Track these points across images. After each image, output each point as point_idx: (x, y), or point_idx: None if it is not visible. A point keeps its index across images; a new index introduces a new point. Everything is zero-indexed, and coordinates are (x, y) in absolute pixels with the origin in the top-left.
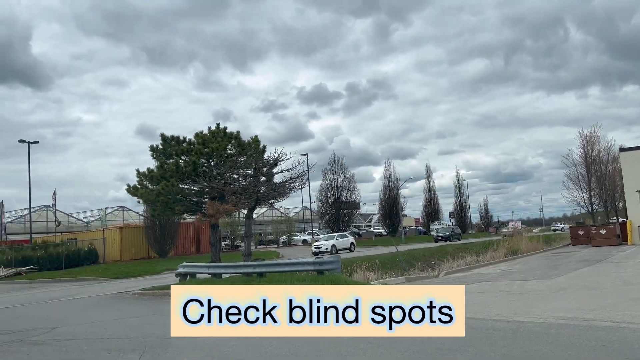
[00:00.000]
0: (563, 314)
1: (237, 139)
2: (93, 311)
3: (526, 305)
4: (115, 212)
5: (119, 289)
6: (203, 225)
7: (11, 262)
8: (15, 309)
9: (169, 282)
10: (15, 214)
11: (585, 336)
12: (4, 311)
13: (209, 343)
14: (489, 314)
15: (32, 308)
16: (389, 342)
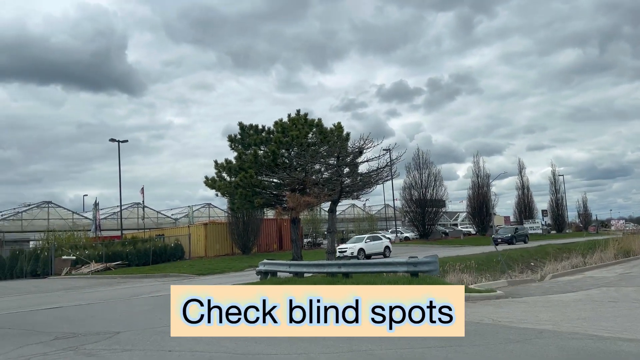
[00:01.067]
0: None
1: (318, 127)
2: (167, 313)
3: None
4: (202, 209)
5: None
6: (285, 222)
7: (102, 257)
8: (91, 307)
9: (250, 279)
10: (109, 210)
11: None
12: (80, 309)
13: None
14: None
15: (108, 306)
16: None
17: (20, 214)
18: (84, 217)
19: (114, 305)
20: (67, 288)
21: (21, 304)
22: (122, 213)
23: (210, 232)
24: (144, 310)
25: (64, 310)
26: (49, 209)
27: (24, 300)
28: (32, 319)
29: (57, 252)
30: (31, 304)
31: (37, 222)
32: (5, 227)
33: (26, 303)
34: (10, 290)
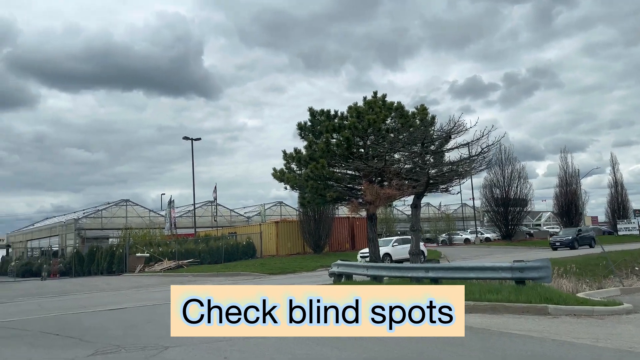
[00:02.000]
0: None
1: (399, 110)
2: None
3: None
4: (274, 207)
5: None
6: (358, 221)
7: (175, 254)
8: (153, 309)
9: (323, 280)
10: (184, 209)
11: None
12: (141, 312)
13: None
14: None
15: (167, 310)
16: None
17: (100, 211)
18: (160, 215)
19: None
20: (136, 286)
21: (85, 304)
22: (195, 211)
23: (281, 231)
24: None
25: (124, 312)
26: (127, 207)
27: (90, 299)
28: (86, 322)
29: (132, 249)
30: (95, 304)
31: (116, 220)
32: (87, 224)
33: (90, 302)
34: (82, 287)
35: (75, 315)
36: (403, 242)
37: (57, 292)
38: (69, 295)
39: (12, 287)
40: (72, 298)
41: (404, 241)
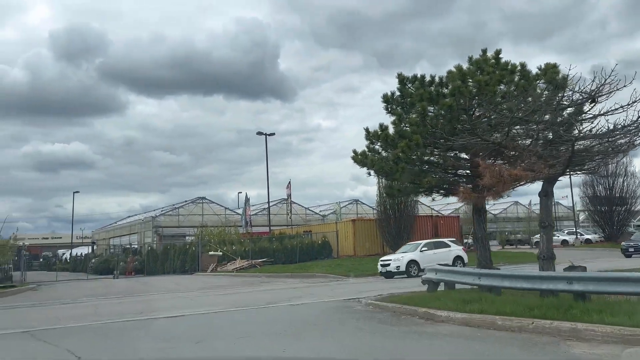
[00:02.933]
0: None
1: (520, 71)
2: (302, 338)
3: None
4: (349, 205)
5: (349, 292)
6: (441, 220)
7: (248, 253)
8: (211, 320)
9: (409, 287)
10: (259, 207)
11: None
12: (199, 323)
13: None
14: None
15: (232, 320)
16: None
17: (177, 209)
18: (236, 213)
19: (239, 318)
20: (206, 287)
21: (144, 308)
22: (270, 209)
23: (358, 229)
24: (271, 331)
25: (179, 321)
26: (203, 205)
27: (151, 302)
28: (127, 334)
29: (205, 247)
30: (154, 308)
31: (193, 218)
32: (164, 222)
33: (150, 307)
34: (149, 288)
35: (127, 324)
36: (435, 247)
37: (123, 292)
38: (133, 296)
39: (81, 285)
40: (134, 301)
41: (435, 245)
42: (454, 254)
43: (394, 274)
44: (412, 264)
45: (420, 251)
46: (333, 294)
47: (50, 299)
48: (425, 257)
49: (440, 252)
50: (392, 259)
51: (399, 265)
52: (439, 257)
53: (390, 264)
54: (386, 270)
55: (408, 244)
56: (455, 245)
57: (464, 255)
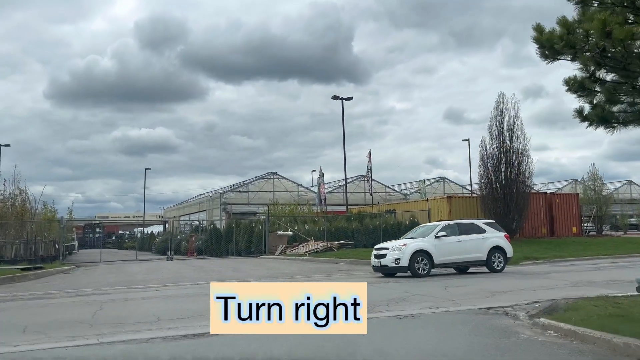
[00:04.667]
0: None
1: None
2: None
3: None
4: (435, 184)
5: (476, 294)
6: (557, 197)
7: (323, 234)
8: (278, 343)
9: (559, 286)
10: (334, 184)
11: None
12: (257, 347)
13: None
14: None
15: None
16: None
17: (246, 185)
18: (310, 190)
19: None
20: (270, 276)
21: (166, 311)
22: (347, 187)
23: (455, 208)
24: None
25: (206, 347)
26: (274, 181)
27: (188, 298)
28: None
29: (274, 226)
30: (183, 313)
31: (263, 195)
32: (232, 198)
33: (180, 309)
34: (198, 274)
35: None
36: (460, 231)
37: (165, 280)
38: (176, 286)
39: (122, 269)
40: (167, 295)
41: (461, 229)
42: (491, 242)
43: (392, 271)
44: (419, 256)
45: (435, 237)
46: (450, 295)
47: (67, 288)
48: (443, 246)
49: (469, 240)
50: (389, 247)
51: (398, 257)
52: (465, 247)
53: (386, 256)
54: (380, 265)
55: (421, 226)
56: (492, 231)
57: (506, 245)
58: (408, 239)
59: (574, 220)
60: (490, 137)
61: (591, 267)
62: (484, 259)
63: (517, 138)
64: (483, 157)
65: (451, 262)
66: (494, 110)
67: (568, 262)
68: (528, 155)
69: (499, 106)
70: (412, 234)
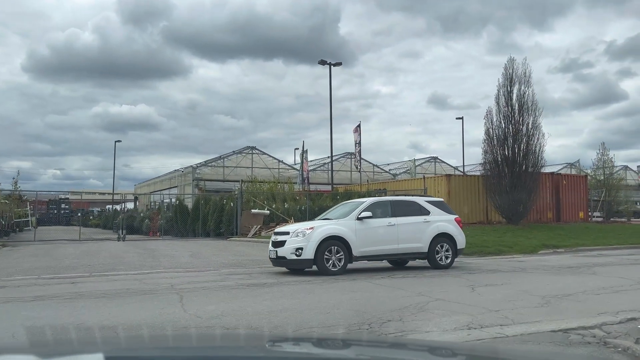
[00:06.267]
0: None
1: None
2: None
3: None
4: (425, 164)
5: (536, 310)
6: (565, 179)
7: (305, 213)
8: None
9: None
10: (319, 162)
11: None
12: None
13: None
14: None
15: None
16: None
17: (222, 159)
18: (291, 167)
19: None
20: (232, 264)
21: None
22: (332, 163)
23: (455, 188)
24: None
25: None
26: (252, 156)
27: (92, 309)
28: None
29: (248, 204)
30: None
31: (240, 171)
32: (206, 174)
33: (87, 321)
34: (144, 260)
35: None
36: (393, 212)
37: (98, 267)
38: (105, 276)
39: (56, 251)
40: (78, 293)
41: (395, 209)
42: (436, 228)
43: (292, 266)
44: (332, 244)
45: (357, 218)
46: (486, 302)
47: None
48: (367, 231)
49: (405, 224)
50: (290, 231)
51: (300, 246)
52: (400, 234)
53: (285, 244)
54: (277, 256)
55: (342, 204)
56: (439, 212)
57: (456, 232)
58: (321, 220)
59: (582, 204)
60: (498, 108)
61: (630, 259)
62: (425, 251)
63: (528, 109)
64: (488, 131)
65: (377, 253)
66: (502, 77)
67: (593, 251)
68: (539, 129)
69: (508, 73)
70: (330, 213)
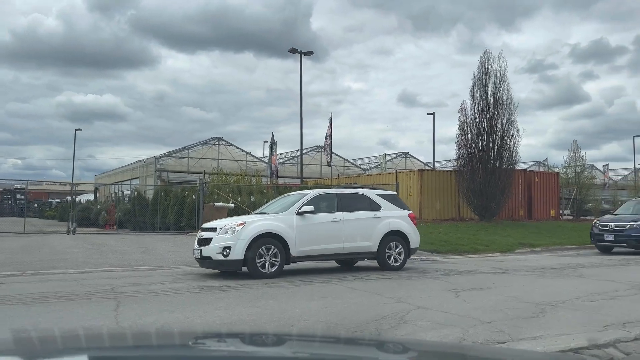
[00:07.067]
0: None
1: None
2: None
3: None
4: (396, 159)
5: (532, 321)
6: (537, 176)
7: None
8: None
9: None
10: (288, 154)
11: None
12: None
13: None
14: None
15: None
16: None
17: (186, 150)
18: (260, 160)
19: None
20: (188, 262)
21: None
22: (302, 157)
23: (427, 184)
24: None
25: None
26: (219, 147)
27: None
28: None
29: (212, 196)
30: None
31: (206, 163)
32: (169, 165)
33: None
34: (93, 257)
35: None
36: (341, 206)
37: (35, 264)
38: (39, 275)
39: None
40: None
41: (342, 202)
42: (387, 225)
43: (220, 267)
44: (267, 243)
45: (297, 213)
46: (475, 311)
47: None
48: (308, 228)
49: (352, 220)
50: (218, 227)
51: (228, 245)
52: (346, 231)
53: (211, 242)
54: (201, 256)
55: (283, 197)
56: (391, 207)
57: (410, 230)
58: (257, 214)
59: (553, 202)
60: (473, 102)
61: (611, 260)
62: (374, 250)
63: (503, 104)
64: (462, 125)
65: (319, 253)
66: (477, 70)
67: (570, 250)
68: (514, 125)
69: (484, 66)
70: (268, 207)
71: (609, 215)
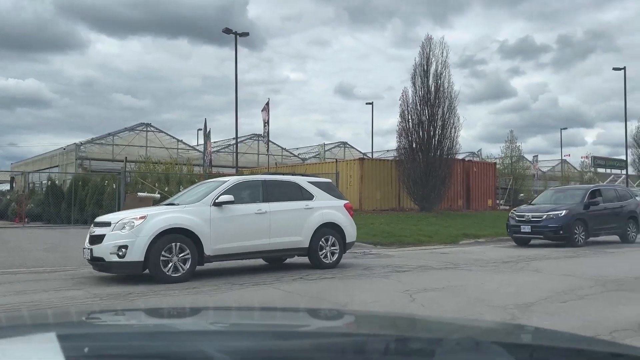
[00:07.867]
0: None
1: None
2: None
3: None
4: (335, 149)
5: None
6: (475, 166)
7: None
8: None
9: None
10: (223, 143)
11: None
12: None
13: None
14: None
15: None
16: None
17: (111, 137)
18: (192, 148)
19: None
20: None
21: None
22: (237, 145)
23: (368, 173)
24: None
25: None
26: (147, 134)
27: None
28: None
29: (136, 186)
30: None
31: (133, 150)
32: (92, 152)
33: None
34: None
35: None
36: (266, 195)
37: None
38: None
39: None
40: None
41: (269, 191)
42: (320, 217)
43: (114, 269)
44: (174, 240)
45: (214, 204)
46: (432, 312)
47: None
48: (226, 221)
49: (280, 212)
50: (112, 221)
51: (125, 244)
52: (273, 224)
53: (103, 240)
54: (92, 256)
55: (197, 185)
56: (326, 196)
57: (346, 222)
58: (165, 205)
59: (490, 192)
60: (414, 90)
61: (559, 252)
62: (306, 246)
63: (444, 91)
64: (403, 114)
65: (240, 251)
66: (419, 57)
67: (512, 241)
68: (455, 113)
69: (425, 51)
70: (179, 197)
71: (525, 205)
